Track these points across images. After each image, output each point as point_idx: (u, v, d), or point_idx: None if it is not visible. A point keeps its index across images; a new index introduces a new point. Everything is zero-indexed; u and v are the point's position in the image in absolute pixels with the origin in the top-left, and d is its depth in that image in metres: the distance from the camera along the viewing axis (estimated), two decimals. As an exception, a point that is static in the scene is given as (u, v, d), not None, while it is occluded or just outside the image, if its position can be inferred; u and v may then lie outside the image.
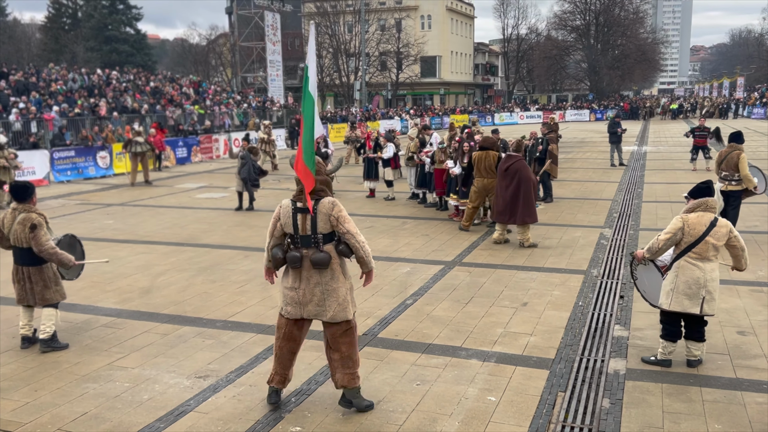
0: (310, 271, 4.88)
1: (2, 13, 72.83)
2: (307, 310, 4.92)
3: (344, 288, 4.95)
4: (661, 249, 5.77)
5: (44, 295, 6.41)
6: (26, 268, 6.36)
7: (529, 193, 10.21)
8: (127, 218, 13.85)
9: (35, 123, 22.55)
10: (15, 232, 6.30)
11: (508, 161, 10.36)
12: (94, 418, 4.99)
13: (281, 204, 4.98)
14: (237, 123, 33.34)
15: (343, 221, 4.84)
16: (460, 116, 50.15)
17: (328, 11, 61.51)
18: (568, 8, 72.97)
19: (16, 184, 6.56)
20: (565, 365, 5.85)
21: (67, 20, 66.60)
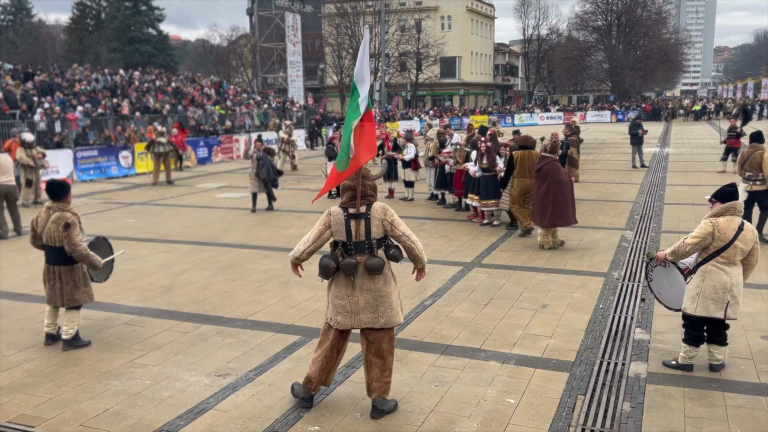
0: (363, 278, 4.85)
1: (28, 15, 74.04)
2: (358, 319, 4.87)
3: (396, 292, 4.97)
4: (688, 253, 5.69)
5: (73, 295, 6.45)
6: (57, 267, 6.41)
7: (559, 196, 10.04)
8: (149, 217, 13.99)
9: (59, 123, 22.87)
10: (48, 230, 6.35)
11: (541, 162, 10.24)
12: (116, 415, 5.05)
13: (330, 212, 4.93)
14: (257, 123, 33.53)
15: (397, 224, 4.86)
16: (479, 117, 50.00)
17: (348, 12, 61.63)
18: (589, 9, 72.47)
19: (53, 182, 6.57)
20: (585, 368, 5.80)
21: (90, 21, 67.53)
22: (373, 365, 4.95)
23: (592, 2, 71.84)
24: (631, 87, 72.34)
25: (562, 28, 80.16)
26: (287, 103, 41.07)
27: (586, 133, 34.40)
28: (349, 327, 4.94)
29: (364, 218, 4.84)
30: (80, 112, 24.04)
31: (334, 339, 5.01)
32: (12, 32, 66.22)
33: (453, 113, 53.14)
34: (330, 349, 5.02)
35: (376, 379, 4.92)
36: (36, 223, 6.48)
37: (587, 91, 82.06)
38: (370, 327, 4.91)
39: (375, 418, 4.91)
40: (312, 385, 5.06)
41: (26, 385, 5.61)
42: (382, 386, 4.93)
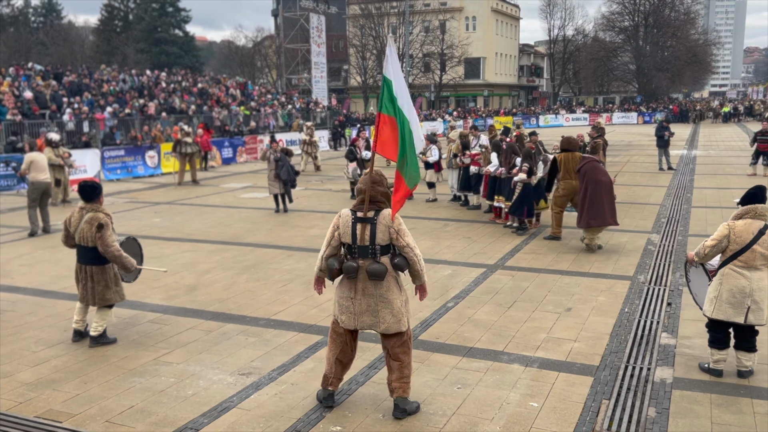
0: (366, 282, 4.87)
1: (58, 16, 75.31)
2: (361, 320, 4.93)
3: (399, 300, 4.93)
4: (707, 255, 5.64)
5: (105, 295, 6.54)
6: (89, 267, 6.50)
7: (595, 195, 9.96)
8: (174, 216, 14.14)
9: (87, 123, 23.23)
10: (81, 230, 6.45)
11: (581, 163, 10.21)
12: (141, 412, 5.10)
13: (340, 213, 4.98)
14: (281, 124, 33.72)
15: (403, 234, 4.84)
16: (504, 118, 49.73)
17: (373, 13, 61.71)
18: (616, 9, 71.62)
19: (85, 183, 6.67)
20: (609, 372, 5.74)
21: (118, 23, 68.45)
22: (392, 367, 5.00)
23: (619, 3, 71.02)
24: (659, 88, 71.39)
25: (588, 29, 79.37)
26: (311, 104, 41.25)
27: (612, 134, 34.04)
28: (352, 327, 4.98)
29: (370, 223, 4.85)
30: (108, 113, 24.39)
31: (343, 336, 5.08)
32: (42, 33, 67.39)
33: (477, 114, 52.92)
34: (339, 348, 5.07)
35: (396, 379, 4.96)
36: (69, 222, 6.57)
37: (613, 92, 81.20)
38: (372, 330, 4.97)
39: (397, 418, 4.92)
40: (328, 381, 5.12)
41: (54, 381, 5.70)
42: (402, 386, 4.95)
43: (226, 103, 32.32)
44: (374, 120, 6.03)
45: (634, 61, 71.74)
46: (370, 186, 4.88)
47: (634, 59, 71.83)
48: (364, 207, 4.88)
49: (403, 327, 4.94)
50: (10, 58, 48.19)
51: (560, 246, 10.60)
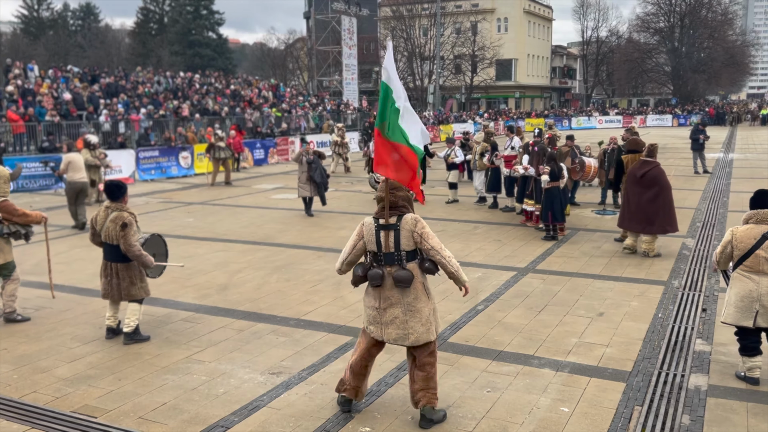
0: (392, 290, 4.79)
1: (95, 20, 76.88)
2: (387, 332, 4.83)
3: (428, 308, 4.83)
4: (720, 262, 5.75)
5: (130, 291, 6.68)
6: (115, 264, 6.64)
7: (670, 201, 9.87)
8: (207, 217, 14.32)
9: (123, 124, 23.66)
10: (107, 229, 6.60)
11: (645, 167, 9.90)
12: (173, 409, 5.18)
13: (363, 222, 4.94)
14: (312, 126, 33.92)
15: (427, 237, 4.75)
16: (535, 120, 49.34)
17: (404, 15, 61.74)
18: (651, 10, 70.63)
19: (111, 183, 6.86)
20: (642, 378, 5.65)
21: (154, 26, 69.68)
22: (416, 377, 4.91)
23: (654, 3, 70.02)
24: (694, 90, 70.16)
25: (622, 30, 78.45)
26: (342, 105, 41.43)
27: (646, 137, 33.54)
28: (379, 338, 4.90)
29: (393, 229, 4.78)
30: (143, 114, 24.81)
31: (367, 345, 5.01)
32: (80, 36, 68.93)
33: (508, 116, 52.58)
34: (361, 355, 5.01)
35: (421, 389, 4.86)
36: (95, 221, 6.73)
37: (648, 94, 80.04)
38: (398, 344, 4.87)
39: (424, 428, 4.84)
40: (343, 386, 5.07)
41: (89, 376, 5.81)
42: (428, 396, 4.85)
43: (258, 105, 32.63)
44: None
45: (670, 63, 70.63)
46: (388, 192, 4.82)
47: (669, 61, 70.71)
48: (384, 214, 4.82)
49: (432, 336, 4.84)
50: (49, 61, 49.34)
51: (593, 250, 10.47)
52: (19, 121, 20.53)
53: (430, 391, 4.86)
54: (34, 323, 7.25)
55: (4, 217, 7.19)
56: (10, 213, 7.20)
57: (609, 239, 11.24)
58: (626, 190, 10.15)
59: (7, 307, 7.28)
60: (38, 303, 7.91)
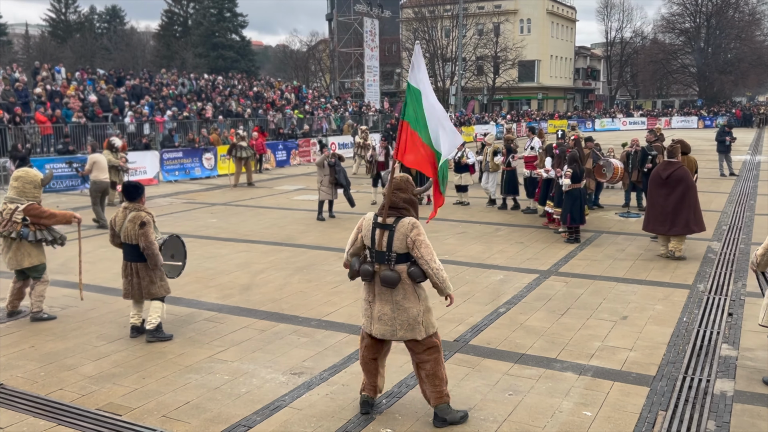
0: (381, 287, 4.84)
1: (121, 22, 77.87)
2: (375, 327, 4.88)
3: (416, 309, 4.82)
4: (760, 264, 5.60)
5: (150, 289, 6.76)
6: (134, 264, 6.73)
7: (696, 201, 9.82)
8: (230, 217, 14.43)
9: (148, 125, 23.93)
10: (126, 229, 6.68)
11: (670, 168, 9.82)
12: (196, 408, 5.23)
13: (365, 216, 5.02)
14: (334, 127, 34.03)
15: (419, 245, 4.73)
16: (558, 121, 48.98)
17: (426, 16, 61.68)
18: (676, 10, 69.82)
19: (128, 183, 6.97)
20: (666, 383, 5.58)
21: (178, 28, 70.35)
22: (420, 377, 4.94)
23: (680, 4, 69.21)
24: (721, 91, 69.16)
25: (647, 31, 77.55)
26: (363, 107, 41.50)
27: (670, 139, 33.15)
28: (368, 331, 4.95)
29: (388, 229, 4.80)
30: (167, 116, 25.07)
31: (366, 339, 5.05)
32: (106, 39, 69.84)
33: (530, 117, 52.29)
34: (365, 348, 5.06)
35: (428, 389, 4.89)
36: (114, 222, 6.82)
37: (673, 95, 79.07)
38: (386, 338, 4.90)
39: (437, 427, 4.85)
40: (362, 386, 5.13)
41: (114, 375, 5.89)
42: (437, 394, 4.87)
43: (280, 107, 32.81)
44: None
45: (695, 64, 69.72)
46: (390, 192, 4.86)
47: (695, 62, 69.79)
48: (383, 212, 4.85)
49: (418, 336, 4.82)
50: (76, 63, 50.06)
51: (616, 253, 10.37)
52: (47, 122, 20.86)
53: (437, 389, 4.87)
54: (60, 322, 7.37)
55: (32, 221, 7.29)
56: (37, 216, 7.30)
57: (633, 242, 11.13)
58: (652, 193, 10.03)
59: (35, 307, 7.41)
60: (65, 302, 8.03)
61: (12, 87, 22.67)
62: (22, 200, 7.32)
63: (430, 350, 4.89)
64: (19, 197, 7.33)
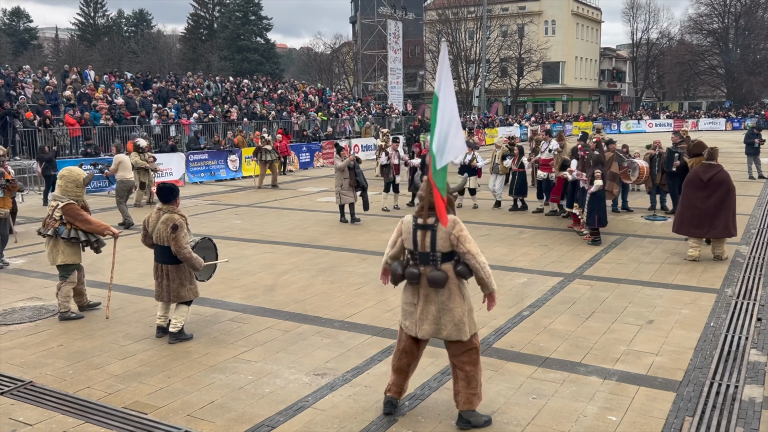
0: (428, 289, 4.83)
1: (148, 26, 78.93)
2: (422, 329, 4.87)
3: (461, 309, 4.83)
4: None
5: (179, 292, 6.83)
6: (165, 265, 6.80)
7: (734, 205, 9.79)
8: (254, 219, 14.54)
9: (174, 127, 24.22)
10: (158, 231, 6.75)
11: (711, 171, 9.78)
12: (220, 407, 5.27)
13: (403, 219, 4.99)
14: (357, 129, 34.12)
15: (464, 240, 4.74)
16: (583, 123, 48.57)
17: (450, 18, 61.59)
18: (704, 11, 68.87)
19: (163, 185, 7.01)
20: (693, 389, 5.51)
21: (204, 31, 71.13)
22: (458, 377, 4.93)
23: (708, 4, 68.24)
24: (749, 93, 67.99)
25: (673, 32, 76.66)
26: (386, 109, 41.53)
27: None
28: (413, 334, 4.93)
29: (430, 230, 4.78)
30: (193, 118, 25.34)
31: (405, 342, 5.04)
32: (134, 42, 70.82)
33: (555, 119, 51.91)
34: (402, 352, 5.06)
35: (462, 390, 4.88)
36: (147, 223, 6.90)
37: (700, 97, 77.96)
38: (434, 336, 4.89)
39: (461, 429, 4.86)
40: (387, 387, 5.13)
41: (140, 374, 5.96)
42: (468, 397, 4.87)
43: (304, 109, 32.98)
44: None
45: (723, 65, 68.67)
46: (428, 192, 4.83)
47: (723, 63, 68.75)
48: (423, 213, 4.84)
49: (464, 336, 4.83)
50: (104, 66, 50.85)
51: (642, 256, 10.26)
52: (76, 125, 21.21)
53: (470, 392, 4.87)
54: (87, 321, 7.48)
55: (67, 220, 7.44)
56: (72, 217, 7.44)
57: (659, 245, 11.00)
58: (688, 195, 9.92)
59: (62, 307, 7.53)
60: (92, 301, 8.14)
61: (42, 90, 23.09)
62: (64, 198, 7.51)
63: (470, 352, 4.90)
64: (62, 195, 7.54)
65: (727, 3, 67.47)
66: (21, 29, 76.77)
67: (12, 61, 49.51)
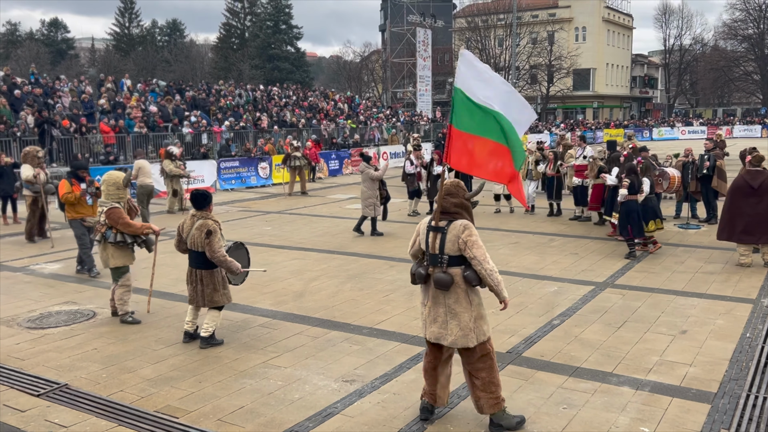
0: (436, 291, 4.90)
1: (181, 36, 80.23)
2: (430, 330, 4.93)
3: (468, 314, 4.82)
4: None
5: (213, 297, 6.91)
6: (199, 271, 6.89)
7: None
8: (284, 225, 14.65)
9: (205, 135, 24.55)
10: (192, 236, 6.85)
11: (759, 177, 9.69)
12: (250, 412, 5.32)
13: (422, 220, 5.10)
14: (386, 137, 34.20)
15: (471, 246, 4.74)
16: (614, 130, 48.01)
17: (479, 26, 61.47)
18: (739, 16, 67.62)
19: (197, 192, 7.10)
20: (729, 401, 5.40)
21: (235, 40, 72.05)
22: (474, 385, 4.92)
23: (743, 9, 67.02)
24: (786, 99, 66.61)
25: (707, 38, 75.47)
26: (415, 116, 41.56)
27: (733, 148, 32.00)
28: (423, 334, 5.01)
29: (440, 232, 4.86)
30: (225, 126, 25.66)
31: (427, 346, 5.11)
32: (167, 51, 72.05)
33: (585, 126, 51.39)
34: (426, 354, 5.12)
35: (482, 396, 4.87)
36: (182, 228, 7.00)
37: (734, 104, 76.55)
38: (439, 342, 4.90)
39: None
40: (423, 392, 5.15)
41: (172, 378, 6.04)
42: (491, 401, 4.85)
43: (333, 117, 33.18)
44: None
45: (759, 71, 67.32)
46: (441, 197, 4.94)
47: (758, 69, 67.41)
48: (435, 216, 4.93)
49: (470, 343, 4.81)
50: (138, 75, 51.77)
51: (675, 265, 10.09)
52: (110, 132, 21.63)
53: (493, 396, 4.85)
54: (122, 325, 7.61)
55: (110, 224, 7.61)
56: (114, 221, 7.60)
57: (692, 254, 10.81)
58: (736, 201, 9.80)
59: (120, 310, 7.74)
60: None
61: (78, 98, 23.60)
62: (108, 203, 7.70)
63: (483, 358, 4.88)
64: (106, 200, 7.74)
65: (763, 8, 66.20)
66: (59, 39, 78.71)
67: (50, 70, 50.69)
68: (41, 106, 21.29)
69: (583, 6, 66.04)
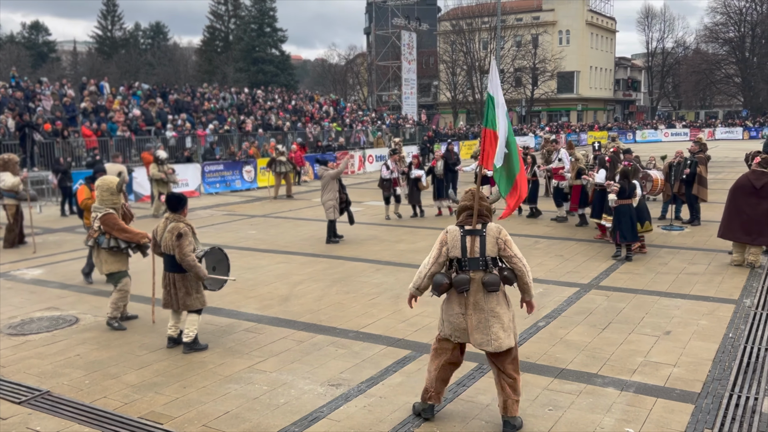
0: (477, 296, 4.90)
1: (164, 38, 79.80)
2: (474, 337, 4.93)
3: (508, 315, 4.95)
4: None
5: (186, 301, 6.85)
6: (172, 274, 6.83)
7: None
8: (269, 229, 14.59)
9: (189, 138, 24.41)
10: (165, 239, 6.80)
11: (764, 178, 9.76)
12: (235, 418, 5.28)
13: (447, 230, 5.04)
14: (372, 140, 34.21)
15: (510, 245, 4.90)
16: (598, 133, 48.32)
17: (464, 29, 61.68)
18: (720, 20, 68.37)
19: (171, 195, 7.08)
20: (712, 401, 5.44)
21: (219, 43, 71.82)
22: (505, 386, 4.96)
23: (724, 13, 67.79)
24: (766, 102, 67.41)
25: (689, 41, 76.24)
26: (401, 119, 41.62)
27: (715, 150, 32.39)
28: (466, 341, 5.01)
29: (479, 235, 4.91)
30: (209, 129, 25.54)
31: (449, 353, 5.09)
32: (150, 54, 71.63)
33: (570, 129, 51.70)
34: (447, 362, 5.11)
35: (510, 397, 4.93)
36: (156, 232, 6.96)
37: (716, 106, 77.37)
38: (482, 348, 4.93)
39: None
40: (428, 395, 5.14)
41: (156, 384, 5.99)
42: (514, 404, 4.96)
43: (318, 120, 33.13)
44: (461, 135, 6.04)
45: (740, 74, 68.13)
46: (478, 199, 4.97)
47: (739, 72, 68.23)
48: (472, 220, 4.96)
49: (512, 342, 4.95)
50: (121, 78, 51.41)
51: (659, 266, 10.17)
52: (92, 136, 21.44)
53: (516, 398, 4.97)
54: (105, 331, 7.54)
55: (105, 230, 7.53)
56: (109, 227, 7.53)
57: (676, 255, 10.89)
58: (738, 201, 9.90)
59: (110, 313, 7.65)
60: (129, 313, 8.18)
61: (60, 102, 23.38)
62: (102, 209, 7.61)
63: (515, 360, 5.01)
64: (100, 206, 7.65)
65: (744, 12, 67.03)
66: (40, 42, 77.95)
67: (31, 73, 50.19)
68: (22, 110, 21.06)
69: (566, 9, 66.48)
